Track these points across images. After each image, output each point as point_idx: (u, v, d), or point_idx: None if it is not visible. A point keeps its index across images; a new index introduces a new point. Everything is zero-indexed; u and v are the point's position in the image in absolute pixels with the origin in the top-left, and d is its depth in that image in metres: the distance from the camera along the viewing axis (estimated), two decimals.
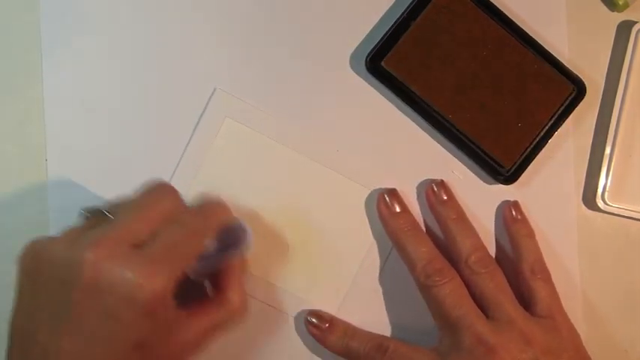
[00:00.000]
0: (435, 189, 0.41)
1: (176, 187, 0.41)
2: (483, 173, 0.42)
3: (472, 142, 0.41)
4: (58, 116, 0.41)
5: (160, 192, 0.34)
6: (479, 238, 0.41)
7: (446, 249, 0.41)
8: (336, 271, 0.42)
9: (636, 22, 0.43)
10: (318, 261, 0.42)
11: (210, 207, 0.35)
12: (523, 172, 0.41)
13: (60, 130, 0.41)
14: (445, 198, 0.41)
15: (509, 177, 0.41)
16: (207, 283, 0.37)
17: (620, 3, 0.42)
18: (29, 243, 0.33)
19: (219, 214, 0.35)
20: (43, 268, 0.31)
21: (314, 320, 0.40)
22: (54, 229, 0.41)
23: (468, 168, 0.42)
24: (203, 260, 0.34)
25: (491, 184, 0.42)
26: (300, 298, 0.41)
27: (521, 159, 0.41)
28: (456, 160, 0.42)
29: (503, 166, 0.41)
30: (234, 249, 0.35)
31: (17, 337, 0.32)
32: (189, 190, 0.41)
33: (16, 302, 0.32)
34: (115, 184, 0.41)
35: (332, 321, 0.40)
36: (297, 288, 0.41)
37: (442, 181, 0.41)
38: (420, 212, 0.42)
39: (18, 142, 0.41)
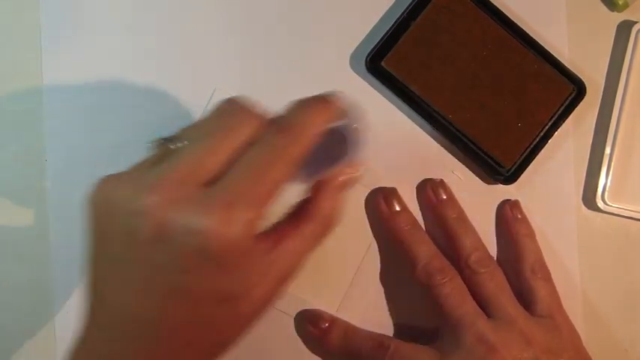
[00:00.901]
0: (435, 188, 0.41)
1: None
2: (483, 173, 0.42)
3: (472, 142, 0.41)
4: (58, 116, 0.41)
5: (232, 113, 0.28)
6: (479, 238, 0.41)
7: (446, 249, 0.41)
8: (335, 270, 0.42)
9: (636, 22, 0.43)
10: (317, 260, 0.42)
11: (295, 119, 0.28)
12: (523, 172, 0.41)
13: (60, 130, 0.41)
14: (445, 197, 0.41)
15: (509, 177, 0.41)
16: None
17: (620, 3, 0.42)
18: (97, 184, 0.28)
19: (314, 122, 0.28)
20: (107, 217, 0.27)
21: (313, 320, 0.40)
22: (54, 229, 0.41)
23: (468, 168, 0.42)
24: (306, 176, 0.28)
25: (491, 184, 0.42)
26: (299, 298, 0.41)
27: (521, 159, 0.41)
28: (455, 160, 0.42)
29: (503, 166, 0.41)
30: (343, 157, 0.29)
31: (95, 290, 0.29)
32: None
33: (88, 251, 0.29)
34: None
35: (332, 321, 0.40)
36: (296, 288, 0.41)
37: (441, 180, 0.41)
38: (419, 212, 0.42)
39: (18, 142, 0.41)
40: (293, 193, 0.29)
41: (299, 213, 0.30)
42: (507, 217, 0.42)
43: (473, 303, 0.38)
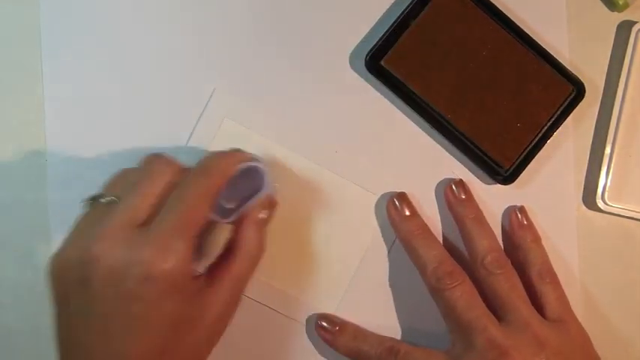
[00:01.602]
0: (454, 188, 0.41)
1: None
2: (482, 173, 0.42)
3: (471, 141, 0.41)
4: (58, 116, 0.41)
5: (154, 165, 0.33)
6: (495, 239, 0.41)
7: (458, 252, 0.41)
8: (335, 272, 0.42)
9: (636, 22, 0.43)
10: (316, 262, 0.42)
11: (208, 162, 0.34)
12: (522, 172, 0.41)
13: (60, 130, 0.41)
14: (464, 197, 0.41)
15: (507, 177, 0.41)
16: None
17: (620, 3, 0.42)
18: (50, 258, 0.33)
19: (223, 166, 0.34)
20: (64, 276, 0.32)
21: (324, 324, 0.40)
22: (54, 229, 0.41)
23: (467, 168, 0.42)
24: (225, 215, 0.33)
25: (489, 184, 0.42)
26: (299, 300, 0.41)
27: (519, 159, 0.41)
28: (454, 159, 0.42)
29: (501, 166, 0.41)
30: (254, 195, 0.34)
31: (62, 349, 0.32)
32: None
33: (54, 317, 0.32)
34: None
35: (342, 324, 0.40)
36: (296, 289, 0.41)
37: (461, 180, 0.41)
38: (431, 214, 0.42)
39: (18, 142, 0.41)
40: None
41: (230, 248, 0.34)
42: (513, 223, 0.42)
43: (483, 306, 0.38)
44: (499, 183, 0.41)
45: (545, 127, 0.41)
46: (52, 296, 0.33)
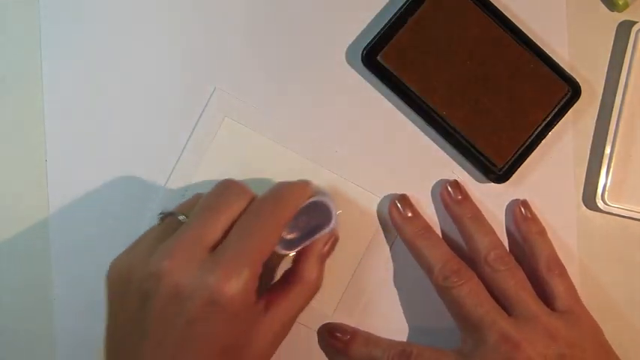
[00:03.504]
0: (450, 189, 0.41)
1: (174, 186, 0.41)
2: (476, 171, 0.42)
3: (465, 139, 0.41)
4: (58, 116, 0.41)
5: (228, 190, 0.34)
6: (496, 236, 0.41)
7: (461, 250, 0.41)
8: (335, 271, 0.42)
9: (636, 22, 0.43)
10: None
11: (280, 192, 0.34)
12: (515, 171, 0.41)
13: (60, 130, 0.41)
14: (460, 197, 0.41)
15: (501, 176, 0.41)
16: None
17: (620, 3, 0.42)
18: (111, 263, 0.33)
19: (292, 197, 0.34)
20: (124, 284, 0.32)
21: (336, 333, 0.40)
22: (54, 229, 0.41)
23: (461, 166, 0.42)
24: (289, 245, 0.33)
25: (483, 182, 0.42)
26: None
27: (513, 158, 0.41)
28: (448, 157, 0.42)
29: (495, 164, 0.41)
30: (318, 231, 0.34)
31: (111, 351, 0.32)
32: (186, 190, 0.41)
33: (107, 325, 0.33)
34: (114, 184, 0.41)
35: (354, 332, 0.40)
36: None
37: (456, 180, 0.42)
38: (427, 212, 0.42)
39: (18, 142, 0.41)
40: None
41: (288, 279, 0.35)
42: (517, 216, 0.42)
43: (492, 302, 0.38)
44: (492, 181, 0.41)
45: (541, 127, 0.41)
46: (108, 301, 0.33)
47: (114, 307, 0.33)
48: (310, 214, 0.34)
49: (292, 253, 0.34)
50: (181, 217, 0.34)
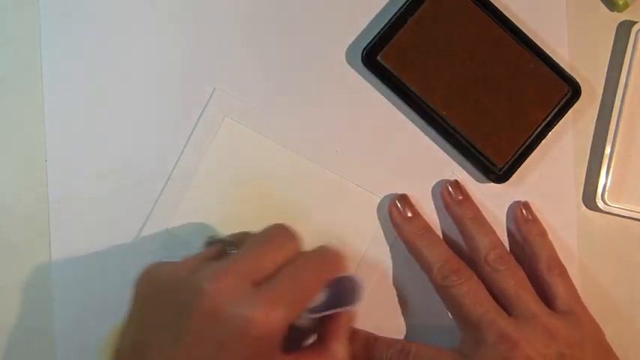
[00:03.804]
0: (450, 189, 0.41)
1: (174, 186, 0.41)
2: (476, 171, 0.42)
3: (465, 139, 0.41)
4: (58, 116, 0.41)
5: (283, 235, 0.34)
6: (497, 236, 0.41)
7: (461, 250, 0.41)
8: None
9: (636, 22, 0.43)
10: None
11: (328, 254, 0.34)
12: (515, 171, 0.41)
13: (60, 130, 0.41)
14: (461, 198, 0.41)
15: (501, 176, 0.41)
16: (310, 335, 0.36)
17: (620, 3, 0.42)
18: (147, 266, 0.33)
19: (336, 264, 0.34)
20: (163, 291, 0.32)
21: None
22: (54, 229, 0.41)
23: (461, 166, 0.42)
24: (314, 310, 0.33)
25: (483, 182, 0.42)
26: None
27: (513, 158, 0.41)
28: (448, 157, 0.42)
29: (495, 164, 0.41)
30: (346, 302, 0.34)
31: (126, 354, 0.32)
32: (187, 190, 0.41)
33: (129, 320, 0.32)
34: (114, 184, 0.41)
35: (353, 331, 0.40)
36: None
37: (457, 181, 0.42)
38: (427, 212, 0.42)
39: (18, 142, 0.41)
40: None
41: (317, 348, 0.34)
42: (518, 218, 0.42)
43: (492, 301, 0.38)
44: (492, 181, 0.41)
45: (541, 127, 0.41)
46: (135, 303, 0.33)
47: (143, 307, 0.32)
48: (335, 286, 0.34)
49: (314, 316, 0.34)
50: (229, 245, 0.34)
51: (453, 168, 0.42)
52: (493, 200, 0.43)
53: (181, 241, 0.41)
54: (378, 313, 0.42)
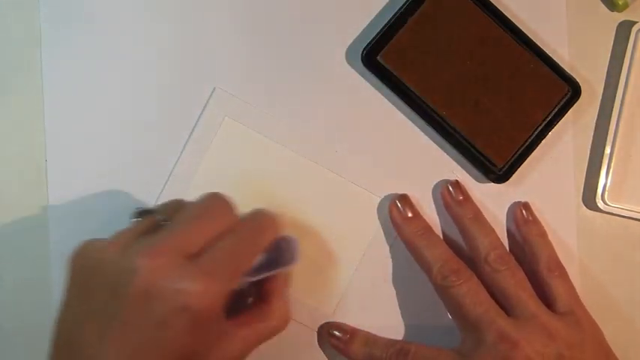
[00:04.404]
0: (451, 189, 0.41)
1: (174, 187, 0.41)
2: (476, 171, 0.42)
3: (465, 139, 0.41)
4: (58, 116, 0.41)
5: (218, 205, 0.34)
6: (497, 236, 0.41)
7: (461, 250, 0.41)
8: (334, 271, 0.42)
9: (636, 22, 0.43)
10: (316, 261, 0.42)
11: (262, 219, 0.34)
12: (515, 171, 0.41)
13: (60, 130, 0.41)
14: (461, 198, 0.41)
15: (501, 176, 0.41)
16: (249, 295, 0.36)
17: (620, 3, 0.42)
18: (80, 245, 0.32)
19: (272, 227, 0.34)
20: (94, 273, 0.31)
21: (335, 333, 0.41)
22: (54, 229, 0.41)
23: (461, 166, 0.42)
24: (252, 273, 0.33)
25: (483, 182, 0.42)
26: (299, 300, 0.41)
27: (513, 158, 0.41)
28: (448, 157, 0.42)
29: (495, 164, 0.41)
30: (283, 263, 0.35)
31: (62, 340, 0.32)
32: (187, 191, 0.41)
33: (64, 306, 0.32)
34: (114, 184, 0.41)
35: (353, 332, 0.41)
36: (296, 289, 0.41)
37: (457, 181, 0.42)
38: (427, 213, 0.42)
39: (18, 142, 0.41)
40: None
41: (261, 308, 0.34)
42: (518, 218, 0.42)
43: (491, 301, 0.38)
44: (492, 181, 0.41)
45: (541, 127, 0.41)
46: (69, 285, 0.32)
47: (76, 292, 0.32)
48: (272, 247, 0.35)
49: (252, 280, 0.34)
50: (159, 218, 0.33)
51: (453, 168, 0.42)
52: (493, 200, 0.42)
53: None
54: (378, 313, 0.42)
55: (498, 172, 0.41)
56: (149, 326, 0.29)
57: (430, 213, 0.42)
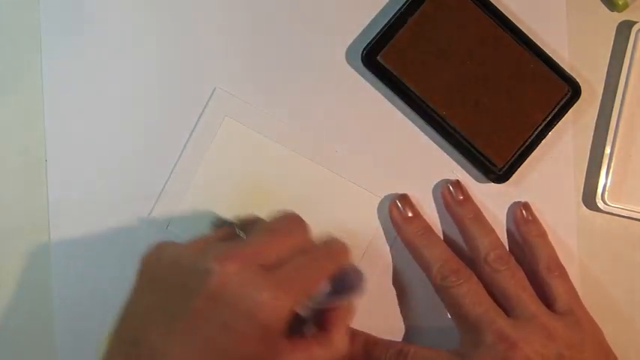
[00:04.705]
0: (451, 189, 0.41)
1: (174, 186, 0.41)
2: (476, 171, 0.42)
3: (465, 139, 0.41)
4: (58, 116, 0.41)
5: (292, 222, 0.34)
6: (497, 237, 0.41)
7: (461, 250, 0.41)
8: None
9: (636, 22, 0.43)
10: None
11: (335, 245, 0.35)
12: (515, 171, 0.41)
13: (60, 130, 0.41)
14: (461, 198, 0.41)
15: (501, 176, 0.41)
16: (309, 324, 0.35)
17: (620, 3, 0.42)
18: (154, 245, 0.33)
19: (342, 254, 0.35)
20: (167, 272, 0.31)
21: None
22: (54, 230, 0.41)
23: (461, 166, 0.42)
24: (316, 299, 0.33)
25: (483, 182, 0.42)
26: None
27: (513, 158, 0.41)
28: (448, 157, 0.42)
29: (495, 164, 0.41)
30: (348, 293, 0.34)
31: (127, 335, 0.31)
32: (187, 190, 0.41)
33: (131, 301, 0.32)
34: (114, 184, 0.41)
35: (352, 333, 0.40)
36: None
37: (458, 181, 0.42)
38: (427, 212, 0.42)
39: (18, 142, 0.41)
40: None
41: (319, 338, 0.34)
42: (518, 218, 0.42)
43: (491, 301, 0.38)
44: (492, 181, 0.41)
45: (541, 127, 0.41)
46: (139, 281, 0.32)
47: (146, 288, 0.32)
48: (337, 277, 0.34)
49: (315, 307, 0.34)
50: (237, 228, 0.34)
51: (453, 168, 0.42)
52: (493, 200, 0.43)
53: (182, 241, 0.41)
54: (378, 314, 0.42)
55: (498, 172, 0.41)
56: (215, 328, 0.29)
57: (430, 213, 0.42)
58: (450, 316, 0.40)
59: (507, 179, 0.41)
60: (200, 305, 0.29)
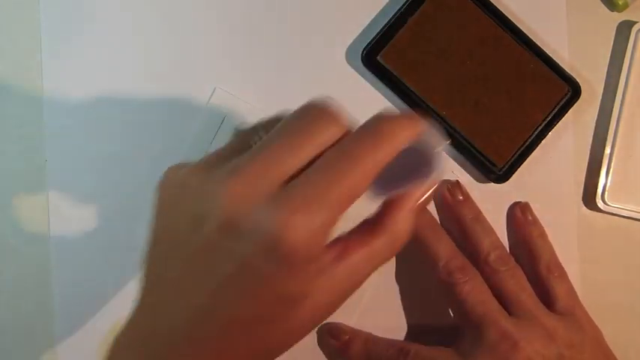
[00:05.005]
0: (451, 189, 0.41)
1: None
2: (476, 171, 0.42)
3: (465, 139, 0.41)
4: (58, 116, 0.41)
5: (322, 115, 0.26)
6: (497, 237, 0.41)
7: (464, 249, 0.41)
8: None
9: (636, 22, 0.43)
10: None
11: (383, 127, 0.26)
12: (515, 171, 0.41)
13: (60, 130, 0.41)
14: (461, 198, 0.41)
15: (501, 176, 0.41)
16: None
17: (620, 3, 0.42)
18: (166, 170, 0.29)
19: (396, 136, 0.26)
20: (177, 200, 0.27)
21: (335, 333, 0.40)
22: (54, 230, 0.41)
23: (461, 166, 0.42)
24: (373, 192, 0.27)
25: (483, 182, 0.42)
26: None
27: (513, 158, 0.41)
28: (450, 158, 0.42)
29: (495, 164, 0.41)
30: (418, 177, 0.27)
31: (153, 275, 0.28)
32: None
33: (151, 241, 0.28)
34: (114, 184, 0.41)
35: (353, 333, 0.40)
36: None
37: (457, 181, 0.42)
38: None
39: (18, 142, 0.41)
40: (361, 207, 0.27)
41: (369, 227, 0.28)
42: (518, 219, 0.42)
43: (494, 301, 0.38)
44: (492, 181, 0.41)
45: (541, 127, 0.41)
46: (158, 210, 0.28)
47: (161, 222, 0.28)
48: (406, 156, 0.26)
49: (377, 200, 0.27)
50: (255, 136, 0.28)
51: (452, 168, 0.42)
52: (493, 200, 0.42)
53: None
54: (378, 313, 0.42)
55: (498, 172, 0.41)
56: (231, 262, 0.25)
57: (432, 212, 0.42)
58: (452, 314, 0.40)
59: (507, 179, 0.41)
60: (209, 242, 0.25)
